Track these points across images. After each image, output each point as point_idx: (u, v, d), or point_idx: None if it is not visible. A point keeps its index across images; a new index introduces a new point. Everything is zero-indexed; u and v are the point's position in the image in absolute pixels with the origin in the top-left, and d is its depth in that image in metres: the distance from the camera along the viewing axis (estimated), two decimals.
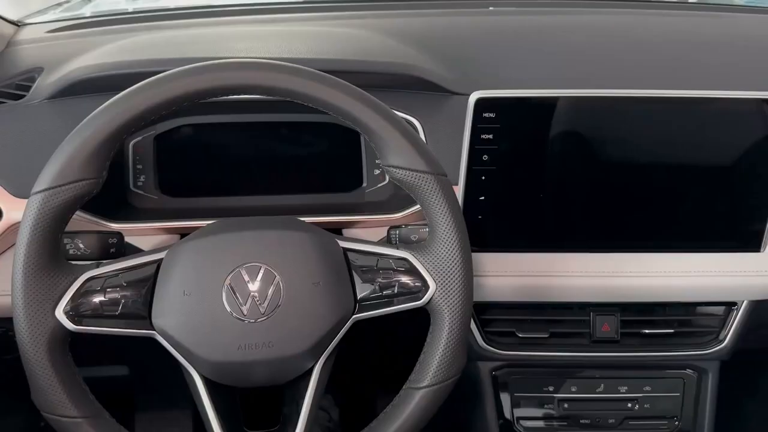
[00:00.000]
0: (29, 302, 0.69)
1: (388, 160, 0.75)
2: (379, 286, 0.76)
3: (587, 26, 1.16)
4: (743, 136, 0.92)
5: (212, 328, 0.72)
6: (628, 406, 1.06)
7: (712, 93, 0.90)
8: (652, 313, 1.02)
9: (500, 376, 1.06)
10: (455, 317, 0.76)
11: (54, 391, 0.70)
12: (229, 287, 0.73)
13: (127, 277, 0.73)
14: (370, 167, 1.02)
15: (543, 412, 1.06)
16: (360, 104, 0.74)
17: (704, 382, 1.06)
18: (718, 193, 0.94)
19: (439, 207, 0.75)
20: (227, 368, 0.74)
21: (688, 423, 1.07)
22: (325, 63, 0.93)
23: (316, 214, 0.93)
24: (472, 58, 1.04)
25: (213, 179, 1.02)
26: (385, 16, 1.19)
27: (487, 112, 0.89)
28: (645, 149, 0.93)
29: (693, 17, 1.25)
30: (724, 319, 1.02)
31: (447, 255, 0.75)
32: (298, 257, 0.75)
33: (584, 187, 0.94)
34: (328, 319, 0.75)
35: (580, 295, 0.99)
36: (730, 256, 0.97)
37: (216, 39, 1.08)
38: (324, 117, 0.96)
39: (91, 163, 0.70)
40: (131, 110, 0.70)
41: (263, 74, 0.72)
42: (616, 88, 0.91)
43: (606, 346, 1.01)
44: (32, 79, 1.01)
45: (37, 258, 0.69)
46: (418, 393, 0.77)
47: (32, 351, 0.70)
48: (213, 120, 1.00)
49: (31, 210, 0.69)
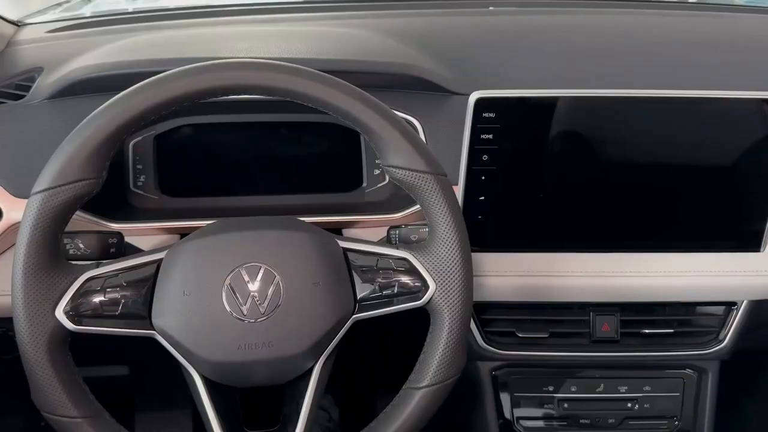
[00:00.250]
0: (29, 302, 0.69)
1: (388, 160, 0.75)
2: (379, 286, 0.76)
3: (587, 26, 1.16)
4: (743, 136, 0.92)
5: (212, 328, 0.72)
6: (627, 405, 1.06)
7: (711, 93, 0.90)
8: (652, 312, 1.02)
9: (500, 375, 1.06)
10: (455, 317, 0.76)
11: (54, 391, 0.70)
12: (229, 287, 0.73)
13: (127, 277, 0.73)
14: (370, 167, 1.02)
15: (543, 411, 1.06)
16: (360, 104, 0.73)
17: (704, 381, 1.06)
18: (718, 193, 0.94)
19: (439, 207, 0.75)
20: (227, 368, 0.74)
21: (687, 423, 1.07)
22: (325, 63, 0.93)
23: (316, 214, 0.93)
24: (472, 58, 1.04)
25: (213, 179, 1.02)
26: (385, 16, 1.19)
27: (486, 112, 0.89)
28: (645, 149, 0.93)
29: (693, 17, 1.25)
30: (724, 319, 1.02)
31: (447, 255, 0.75)
32: (298, 257, 0.75)
33: (584, 187, 0.94)
34: (328, 319, 0.75)
35: (579, 295, 0.99)
36: (730, 255, 0.97)
37: (216, 39, 1.08)
38: (324, 117, 0.96)
39: (91, 163, 0.70)
40: (131, 110, 0.70)
41: (263, 74, 0.72)
42: (615, 88, 0.91)
43: (606, 346, 1.01)
44: (32, 79, 1.01)
45: (37, 258, 0.69)
46: (417, 393, 0.77)
47: (32, 351, 0.70)
48: (213, 120, 1.00)
49: (31, 210, 0.69)
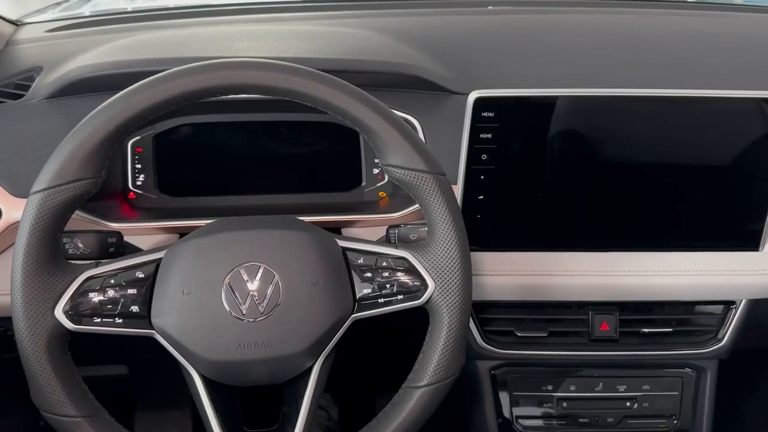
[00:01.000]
0: (28, 302, 0.69)
1: (387, 160, 0.75)
2: (378, 285, 0.76)
3: (586, 25, 1.16)
4: (742, 135, 0.92)
5: (211, 327, 0.72)
6: (626, 405, 1.06)
7: (710, 92, 0.90)
8: (650, 312, 1.02)
9: (499, 375, 1.06)
10: (454, 316, 0.76)
11: (53, 391, 0.70)
12: (228, 286, 0.73)
13: (127, 277, 0.73)
14: (369, 167, 1.02)
15: (542, 411, 1.06)
16: (359, 104, 0.73)
17: (703, 380, 1.06)
18: (717, 192, 0.94)
19: (438, 206, 0.75)
20: (226, 367, 0.74)
21: (686, 422, 1.07)
22: (324, 62, 0.93)
23: (315, 213, 0.93)
24: (471, 57, 1.04)
25: (212, 179, 1.02)
26: (384, 16, 1.19)
27: (485, 112, 0.89)
28: (644, 149, 0.93)
29: (692, 17, 1.25)
30: (723, 318, 1.02)
31: (446, 254, 0.76)
32: (297, 256, 0.75)
33: (583, 186, 0.94)
34: (327, 319, 0.75)
35: (578, 294, 0.99)
36: (728, 255, 0.97)
37: (215, 38, 1.08)
38: (323, 116, 0.96)
39: (90, 163, 0.70)
40: (130, 110, 0.70)
41: (262, 73, 0.72)
42: (614, 88, 0.91)
43: (605, 345, 1.01)
44: (31, 78, 1.01)
45: (37, 257, 0.69)
46: (417, 392, 0.77)
47: (31, 350, 0.70)
48: (212, 119, 1.00)
49: (30, 209, 0.69)
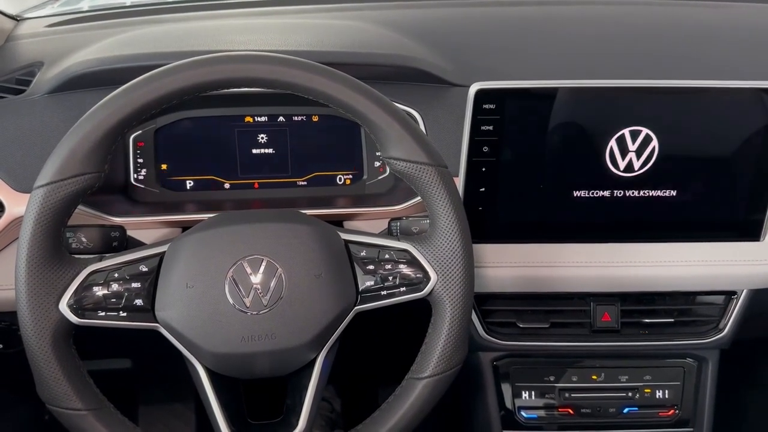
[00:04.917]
0: (33, 296, 0.70)
1: (389, 152, 0.75)
2: (381, 277, 0.76)
3: (586, 17, 1.16)
4: (743, 125, 0.92)
5: (215, 320, 0.73)
6: (628, 395, 1.06)
7: (711, 83, 0.90)
8: (652, 302, 1.02)
9: (501, 366, 1.06)
10: (456, 308, 0.76)
11: (58, 384, 0.71)
12: (232, 279, 0.73)
13: (130, 271, 0.73)
14: (370, 159, 1.02)
15: (544, 401, 1.06)
16: (360, 96, 0.73)
17: (704, 370, 1.07)
18: (718, 182, 0.94)
19: (439, 198, 0.75)
20: (230, 360, 0.75)
21: (688, 411, 1.07)
22: (325, 55, 0.93)
23: (317, 206, 0.93)
24: (471, 49, 1.04)
25: (213, 172, 1.02)
26: (384, 8, 1.19)
27: (487, 104, 0.89)
28: (645, 140, 0.93)
29: (692, 7, 1.25)
30: (724, 308, 1.02)
31: (448, 246, 0.76)
32: (300, 249, 0.75)
33: (584, 177, 0.94)
34: (330, 311, 0.75)
35: (580, 285, 0.99)
36: (730, 245, 0.98)
37: (215, 32, 1.08)
38: (324, 109, 0.96)
39: (92, 157, 0.70)
40: (132, 104, 0.70)
41: (264, 67, 0.72)
42: (615, 79, 0.91)
43: (606, 336, 1.01)
44: (32, 73, 1.01)
45: (40, 252, 0.70)
46: (420, 383, 0.77)
47: (36, 344, 0.70)
48: (213, 113, 1.00)
49: (33, 204, 0.69)
